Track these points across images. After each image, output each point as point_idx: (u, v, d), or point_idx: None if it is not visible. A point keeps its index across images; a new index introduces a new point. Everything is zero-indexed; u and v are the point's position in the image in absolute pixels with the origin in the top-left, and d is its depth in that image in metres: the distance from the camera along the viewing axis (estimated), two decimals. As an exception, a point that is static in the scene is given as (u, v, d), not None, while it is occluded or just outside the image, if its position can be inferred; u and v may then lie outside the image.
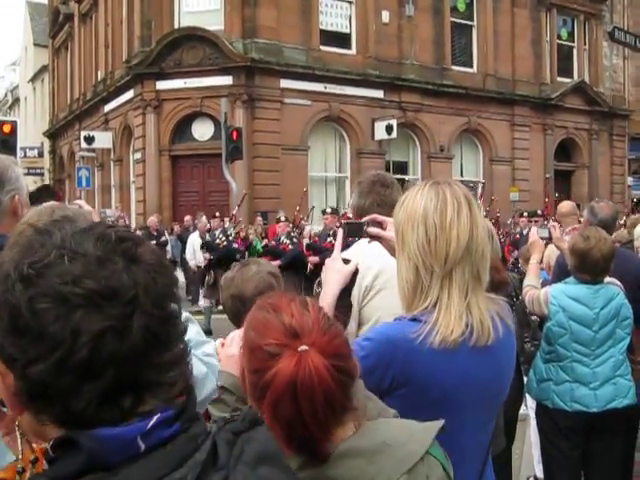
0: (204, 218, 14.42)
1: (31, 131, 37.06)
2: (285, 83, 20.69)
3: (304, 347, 1.36)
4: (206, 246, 13.13)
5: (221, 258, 12.99)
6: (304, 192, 14.85)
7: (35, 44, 38.81)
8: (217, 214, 13.61)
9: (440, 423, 1.52)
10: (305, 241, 13.02)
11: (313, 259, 12.03)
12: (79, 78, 29.19)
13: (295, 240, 12.75)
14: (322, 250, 11.51)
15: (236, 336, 1.69)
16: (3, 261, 0.95)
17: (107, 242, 0.94)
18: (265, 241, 14.24)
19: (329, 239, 11.67)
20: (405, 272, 1.96)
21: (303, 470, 1.36)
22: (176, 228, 18.38)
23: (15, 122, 16.84)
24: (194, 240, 14.07)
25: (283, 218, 13.48)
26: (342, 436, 1.43)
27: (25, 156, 29.98)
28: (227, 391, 2.15)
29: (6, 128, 16.00)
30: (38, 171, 34.14)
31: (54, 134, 33.46)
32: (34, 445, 1.10)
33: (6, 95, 52.88)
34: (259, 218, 17.92)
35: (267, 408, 1.35)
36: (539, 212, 14.79)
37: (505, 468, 4.19)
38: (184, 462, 0.92)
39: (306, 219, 15.09)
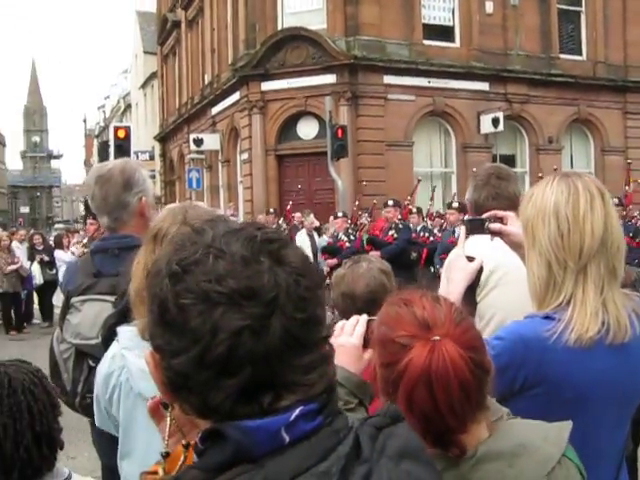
0: (311, 216, 14.54)
1: (142, 135, 38.40)
2: (388, 79, 20.62)
3: (437, 337, 1.36)
4: (327, 252, 12.78)
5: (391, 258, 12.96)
6: (417, 182, 14.70)
7: (145, 52, 40.16)
8: (340, 214, 13.20)
9: (570, 424, 1.49)
10: (364, 236, 12.50)
11: (375, 254, 11.77)
12: (187, 82, 30.04)
13: (353, 237, 12.44)
14: (383, 244, 11.11)
15: (346, 324, 1.70)
16: (159, 257, 1.00)
17: (254, 243, 0.96)
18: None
19: (390, 232, 11.26)
20: (536, 268, 1.91)
21: (444, 473, 1.35)
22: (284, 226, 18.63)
23: (129, 127, 17.57)
24: (302, 238, 14.22)
25: (340, 214, 13.25)
26: (478, 435, 1.42)
27: (137, 160, 31.17)
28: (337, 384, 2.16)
29: (121, 133, 16.70)
30: (150, 174, 35.28)
31: (164, 138, 34.56)
32: (183, 441, 1.13)
33: (119, 102, 55.04)
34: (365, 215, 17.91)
35: (401, 400, 1.34)
36: None
37: (632, 472, 4.05)
38: (328, 455, 0.93)
39: (363, 214, 14.52)
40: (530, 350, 1.81)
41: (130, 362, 2.00)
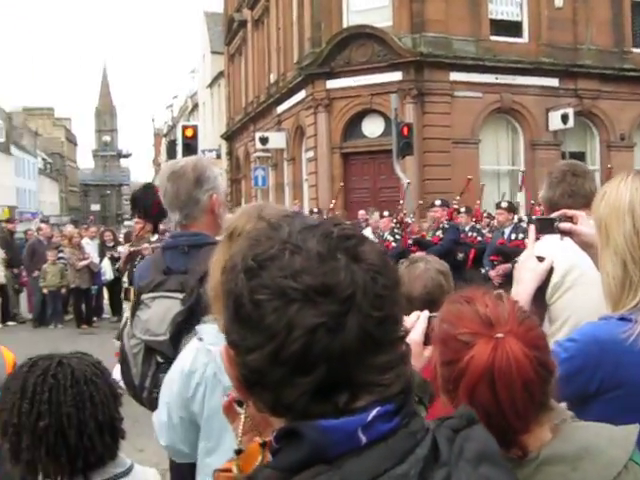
0: (376, 214, 14.49)
1: (209, 134, 38.94)
2: (455, 76, 20.41)
3: (500, 334, 1.34)
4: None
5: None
6: (468, 180, 14.44)
7: (212, 51, 40.69)
8: (385, 213, 13.12)
9: (637, 427, 1.44)
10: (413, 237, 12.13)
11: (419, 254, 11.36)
12: (253, 82, 30.33)
13: (398, 237, 12.14)
14: (429, 245, 10.76)
15: (406, 321, 1.66)
16: (235, 252, 0.99)
17: (330, 239, 0.94)
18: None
19: (437, 233, 10.91)
20: (611, 268, 1.86)
21: None
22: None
23: (196, 126, 17.85)
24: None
25: (387, 213, 13.02)
26: (540, 437, 1.39)
27: (208, 158, 31.61)
28: None
29: (189, 132, 16.97)
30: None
31: (230, 136, 34.99)
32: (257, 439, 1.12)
33: (186, 101, 55.94)
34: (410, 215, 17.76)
35: (463, 398, 1.33)
36: None
37: None
38: (405, 457, 0.92)
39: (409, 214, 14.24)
40: (606, 352, 1.77)
41: (219, 356, 2.04)
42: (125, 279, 8.28)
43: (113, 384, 1.89)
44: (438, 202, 11.63)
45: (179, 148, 17.29)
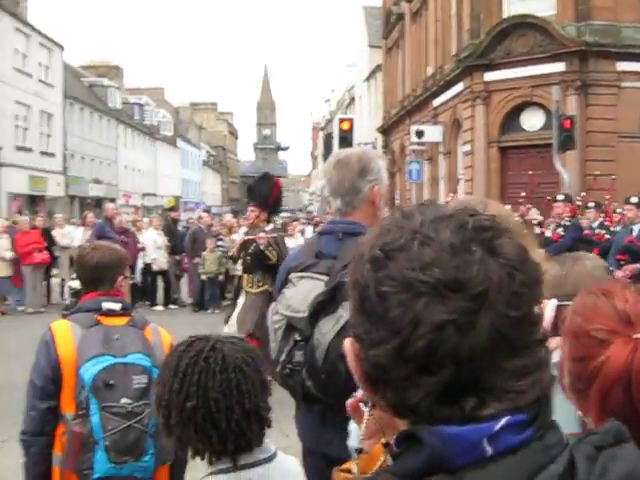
0: (533, 211, 14.06)
1: (365, 127, 39.21)
2: (622, 66, 19.40)
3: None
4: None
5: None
6: (594, 177, 13.58)
7: (370, 45, 40.96)
8: (560, 197, 12.35)
9: None
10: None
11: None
12: (410, 75, 30.26)
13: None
14: (547, 243, 9.88)
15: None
16: (363, 241, 0.94)
17: (465, 230, 0.87)
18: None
19: (559, 230, 10.29)
20: None
21: None
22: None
23: (352, 119, 18.03)
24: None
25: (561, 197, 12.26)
26: None
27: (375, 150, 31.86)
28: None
29: (345, 125, 17.19)
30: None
31: (386, 130, 35.13)
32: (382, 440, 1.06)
33: (344, 95, 56.64)
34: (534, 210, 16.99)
35: (594, 400, 1.25)
36: None
37: None
38: (536, 474, 0.83)
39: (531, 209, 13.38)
40: None
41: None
42: (238, 267, 8.40)
43: (263, 373, 1.90)
44: (561, 197, 11.05)
45: (335, 141, 17.55)
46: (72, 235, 16.47)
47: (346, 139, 16.94)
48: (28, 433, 2.76)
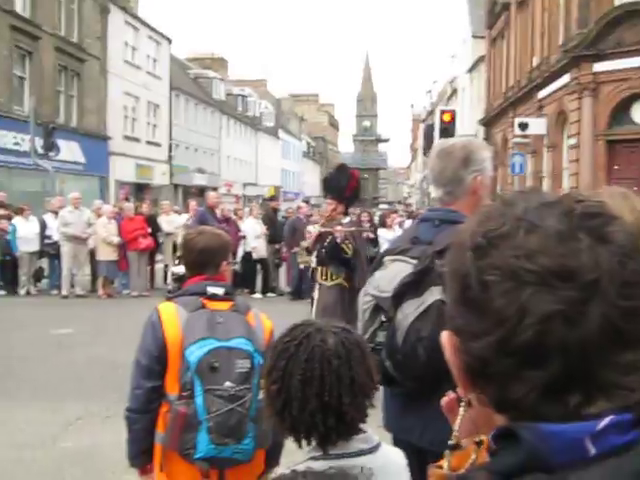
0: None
1: (467, 120, 38.65)
2: None
3: None
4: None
5: None
6: None
7: (473, 36, 40.26)
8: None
9: None
10: None
11: None
12: (514, 66, 29.58)
13: None
14: None
15: None
16: (463, 229, 0.91)
17: (572, 217, 0.84)
18: None
19: None
20: None
21: None
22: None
23: (454, 111, 17.84)
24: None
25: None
26: None
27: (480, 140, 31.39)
28: None
29: (446, 117, 17.03)
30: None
31: (489, 122, 34.48)
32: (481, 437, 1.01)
33: (445, 87, 55.97)
34: None
35: None
36: None
37: None
38: None
39: None
40: None
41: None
42: (313, 259, 8.25)
43: (358, 370, 1.81)
44: None
45: (436, 133, 17.41)
46: (176, 222, 16.98)
47: (447, 131, 16.77)
48: (133, 410, 2.85)
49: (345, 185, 8.18)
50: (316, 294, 8.17)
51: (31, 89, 26.20)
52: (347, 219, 8.26)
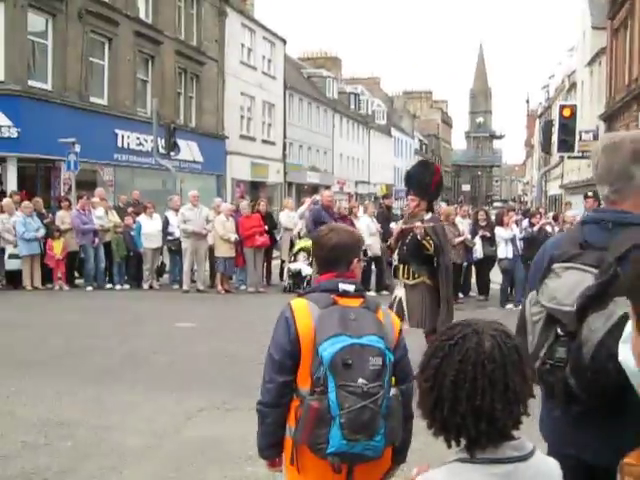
0: None
1: (586, 114, 37.29)
2: None
3: None
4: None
5: None
6: None
7: (593, 27, 38.79)
8: (590, 193, 11.30)
9: None
10: None
11: None
12: (638, 57, 28.30)
13: None
14: None
15: None
16: None
17: None
18: None
19: None
20: None
21: None
22: None
23: (575, 106, 17.28)
24: None
25: (590, 193, 10.92)
26: None
27: (580, 139, 30.35)
28: None
29: (566, 112, 16.52)
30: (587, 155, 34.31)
31: (610, 117, 33.12)
32: None
33: (563, 81, 54.15)
34: None
35: None
36: None
37: None
38: None
39: None
40: None
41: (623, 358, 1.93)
42: (395, 256, 8.05)
43: (514, 377, 1.75)
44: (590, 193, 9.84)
45: (555, 128, 16.93)
46: (294, 220, 17.27)
47: (567, 126, 16.30)
48: (265, 404, 2.88)
49: (429, 181, 7.97)
50: (399, 292, 7.98)
51: (153, 91, 27.25)
52: (429, 215, 8.02)
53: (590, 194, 10.15)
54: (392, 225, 11.96)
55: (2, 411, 6.78)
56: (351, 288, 2.90)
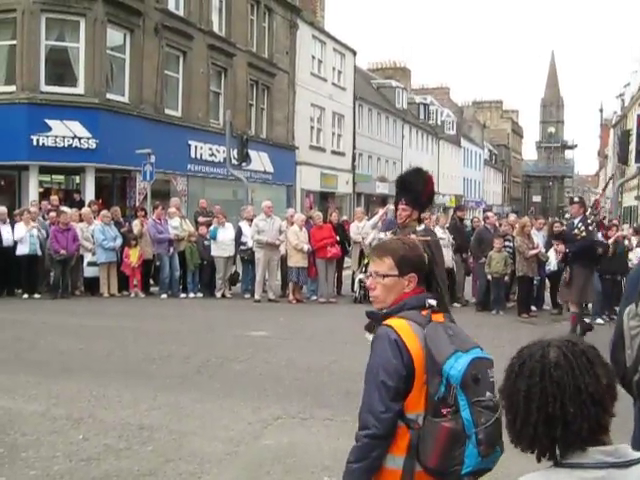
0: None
1: (665, 124, 36.24)
2: None
3: None
4: (561, 238, 11.15)
5: (578, 252, 11.37)
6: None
7: (673, 34, 37.77)
8: (576, 199, 11.20)
9: None
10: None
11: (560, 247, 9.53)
12: None
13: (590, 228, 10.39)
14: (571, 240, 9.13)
15: None
16: None
17: None
18: None
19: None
20: None
21: None
22: None
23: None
24: None
25: (577, 199, 10.97)
26: None
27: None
28: None
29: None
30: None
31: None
32: None
33: (639, 89, 52.77)
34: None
35: None
36: None
37: None
38: None
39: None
40: None
41: None
42: None
43: (583, 379, 1.76)
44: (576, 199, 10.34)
45: (633, 138, 16.53)
46: (365, 230, 17.25)
47: (646, 136, 15.88)
48: (378, 437, 2.68)
49: (422, 189, 7.43)
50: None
51: (226, 103, 27.69)
52: (422, 226, 7.54)
53: None
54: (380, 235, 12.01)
55: (84, 415, 6.96)
56: (435, 302, 2.86)
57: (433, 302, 2.86)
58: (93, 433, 6.40)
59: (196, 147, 26.08)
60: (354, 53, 42.42)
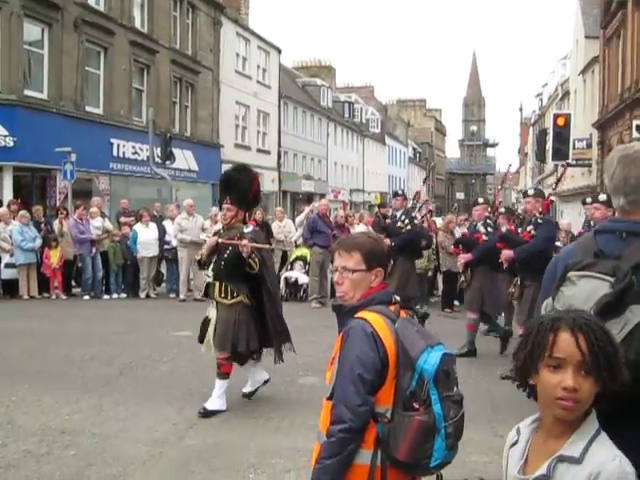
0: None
1: (580, 123, 37.44)
2: None
3: None
4: (462, 244, 10.82)
5: (403, 245, 11.70)
6: (563, 167, 11.89)
7: (586, 36, 38.99)
8: (480, 200, 11.02)
9: None
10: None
11: (507, 253, 9.09)
12: (631, 66, 28.48)
13: (491, 229, 10.24)
14: (518, 242, 9.09)
15: None
16: None
17: None
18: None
19: (528, 228, 9.23)
20: None
21: None
22: None
23: (569, 115, 17.36)
24: None
25: (481, 200, 10.89)
26: None
27: (574, 148, 30.47)
28: None
29: (560, 121, 16.60)
30: (585, 162, 34.46)
31: (603, 125, 33.31)
32: None
33: (556, 89, 54.38)
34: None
35: None
36: None
37: None
38: None
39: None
40: None
41: None
42: (210, 273, 7.16)
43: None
44: (531, 191, 9.83)
45: (550, 137, 17.03)
46: (286, 229, 17.30)
47: (561, 135, 16.38)
48: (354, 430, 2.63)
49: (248, 188, 7.14)
50: (211, 313, 7.25)
51: (149, 101, 27.30)
52: (250, 228, 7.24)
53: (589, 200, 10.14)
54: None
55: (2, 421, 6.79)
56: (398, 298, 2.88)
57: (397, 297, 2.88)
58: (12, 439, 6.25)
59: (119, 145, 25.61)
60: (279, 51, 42.42)
